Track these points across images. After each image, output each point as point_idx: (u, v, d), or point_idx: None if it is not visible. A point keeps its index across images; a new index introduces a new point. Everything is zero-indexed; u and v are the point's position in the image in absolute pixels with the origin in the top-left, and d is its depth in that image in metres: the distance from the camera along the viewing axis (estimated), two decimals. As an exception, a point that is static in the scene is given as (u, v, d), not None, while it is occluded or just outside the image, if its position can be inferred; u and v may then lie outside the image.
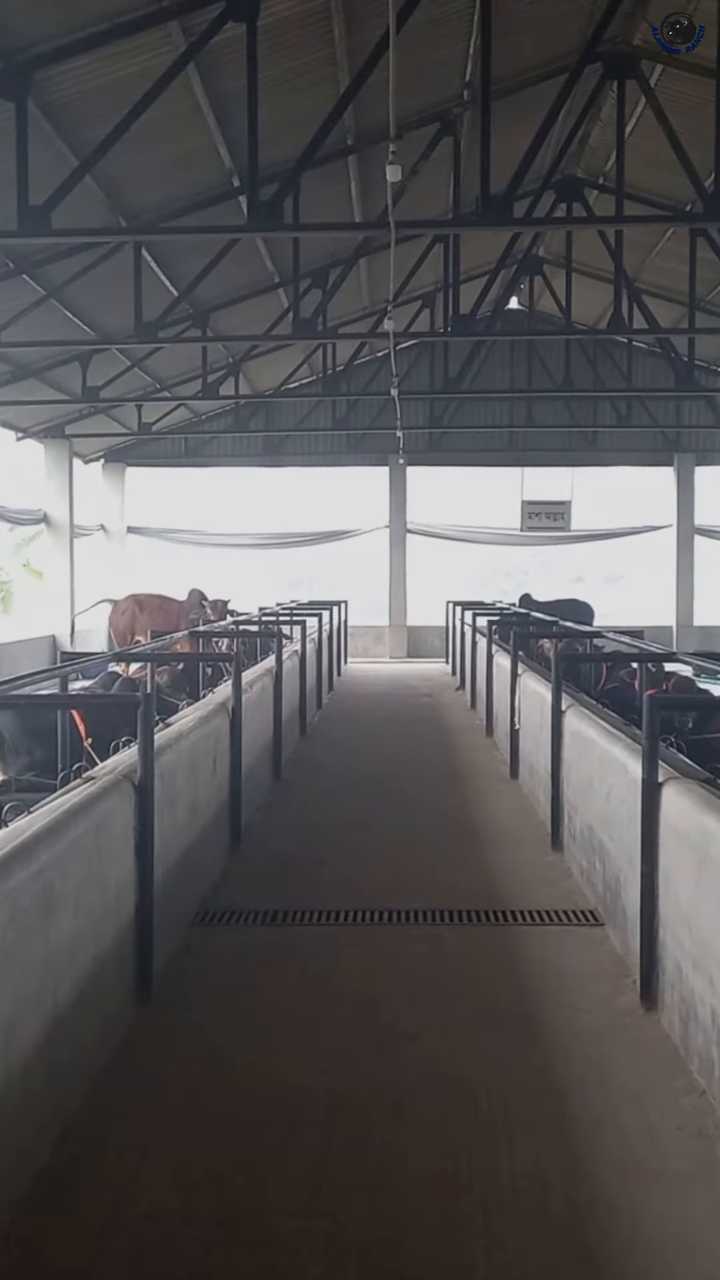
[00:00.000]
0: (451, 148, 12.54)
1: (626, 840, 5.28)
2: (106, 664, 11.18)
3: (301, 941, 5.66)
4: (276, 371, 21.02)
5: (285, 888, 6.59)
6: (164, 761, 5.41)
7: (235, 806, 7.37)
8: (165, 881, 5.25)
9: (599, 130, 14.65)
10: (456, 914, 6.03)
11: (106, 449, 24.37)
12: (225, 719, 7.29)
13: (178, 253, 14.06)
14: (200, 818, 6.28)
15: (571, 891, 6.47)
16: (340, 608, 20.28)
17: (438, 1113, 3.89)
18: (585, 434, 24.08)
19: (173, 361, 19.20)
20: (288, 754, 10.86)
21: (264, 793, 9.18)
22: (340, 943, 5.62)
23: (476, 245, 16.50)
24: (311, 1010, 4.76)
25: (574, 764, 6.91)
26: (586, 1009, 4.75)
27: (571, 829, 6.93)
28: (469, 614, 16.56)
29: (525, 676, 9.68)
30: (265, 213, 8.78)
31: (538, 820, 8.24)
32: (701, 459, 24.43)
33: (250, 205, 8.80)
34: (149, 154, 11.31)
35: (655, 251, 17.62)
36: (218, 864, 6.83)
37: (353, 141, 12.56)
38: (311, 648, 14.20)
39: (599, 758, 6.08)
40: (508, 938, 5.70)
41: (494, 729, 12.22)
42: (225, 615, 16.42)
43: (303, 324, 13.38)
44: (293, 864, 7.13)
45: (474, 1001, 4.85)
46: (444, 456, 24.62)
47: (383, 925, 5.90)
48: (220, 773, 7.02)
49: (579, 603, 19.52)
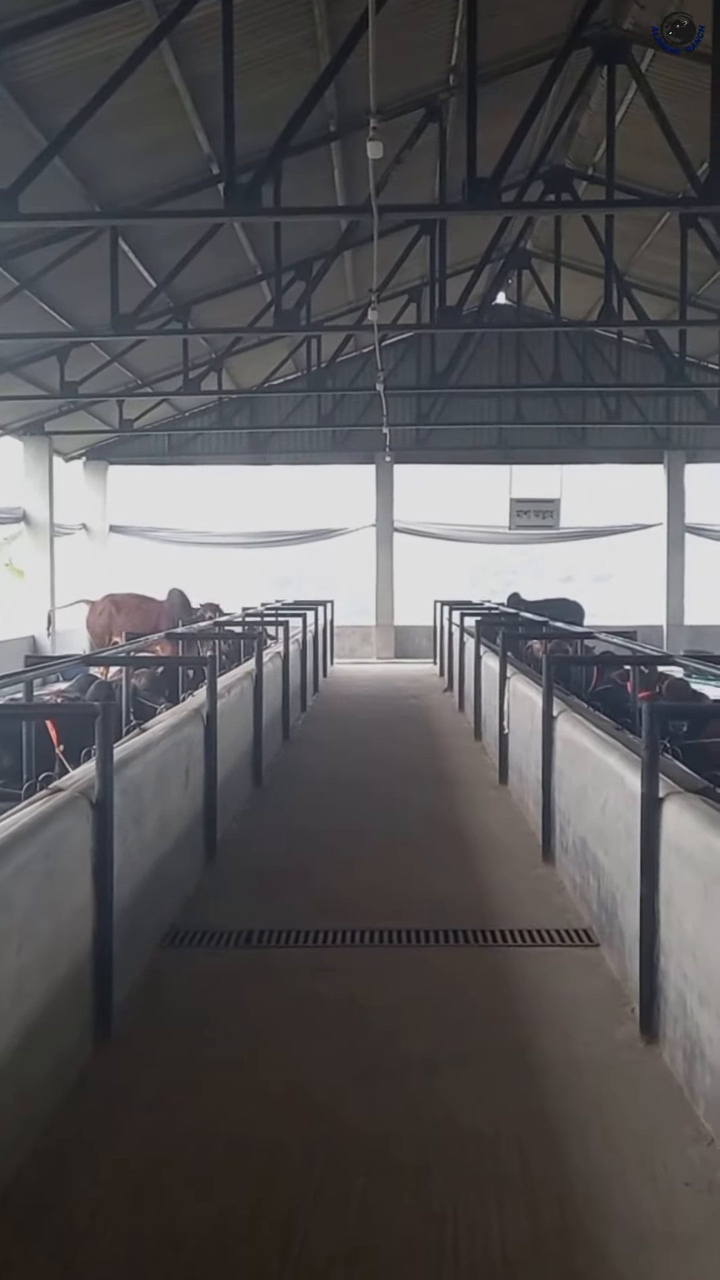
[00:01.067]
0: (437, 135, 12.18)
1: (623, 857, 4.93)
2: (85, 666, 10.80)
3: (279, 965, 5.29)
4: (260, 368, 20.65)
5: (263, 904, 6.23)
6: (129, 775, 5.05)
7: (210, 817, 7.01)
8: (129, 903, 4.89)
9: (588, 119, 14.34)
10: (445, 934, 5.67)
11: (88, 447, 23.96)
12: (199, 726, 6.92)
13: (156, 243, 13.67)
14: (171, 832, 5.92)
15: (564, 908, 6.12)
16: (326, 607, 19.92)
17: (423, 1163, 3.54)
18: (574, 431, 23.75)
19: (154, 357, 18.81)
20: (269, 759, 10.51)
21: (243, 800, 8.82)
22: (319, 967, 5.25)
23: (463, 237, 16.17)
24: (287, 1045, 4.41)
25: (566, 773, 6.56)
26: (584, 1041, 4.40)
27: (564, 841, 6.58)
28: (457, 614, 16.23)
29: (514, 679, 9.34)
30: (243, 197, 8.40)
31: (528, 829, 7.90)
32: (692, 456, 24.12)
33: (228, 189, 8.42)
34: (124, 139, 10.94)
35: (645, 244, 17.31)
36: (190, 879, 6.46)
37: (335, 128, 12.21)
38: (295, 649, 13.84)
39: (593, 767, 5.74)
40: (499, 960, 5.35)
41: (483, 732, 11.87)
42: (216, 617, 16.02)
43: (286, 316, 13.00)
44: (271, 877, 6.77)
45: (464, 1033, 4.49)
46: (431, 454, 24.28)
47: (367, 947, 5.54)
48: (194, 782, 6.66)
49: (568, 602, 19.19)
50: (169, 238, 13.39)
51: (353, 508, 24.79)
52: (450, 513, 25.13)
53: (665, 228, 16.48)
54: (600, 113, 13.72)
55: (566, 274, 16.65)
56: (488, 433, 24.01)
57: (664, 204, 11.75)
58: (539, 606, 17.54)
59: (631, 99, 12.55)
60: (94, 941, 4.36)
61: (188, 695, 9.87)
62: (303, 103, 8.39)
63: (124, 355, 17.41)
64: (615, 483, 24.98)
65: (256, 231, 14.52)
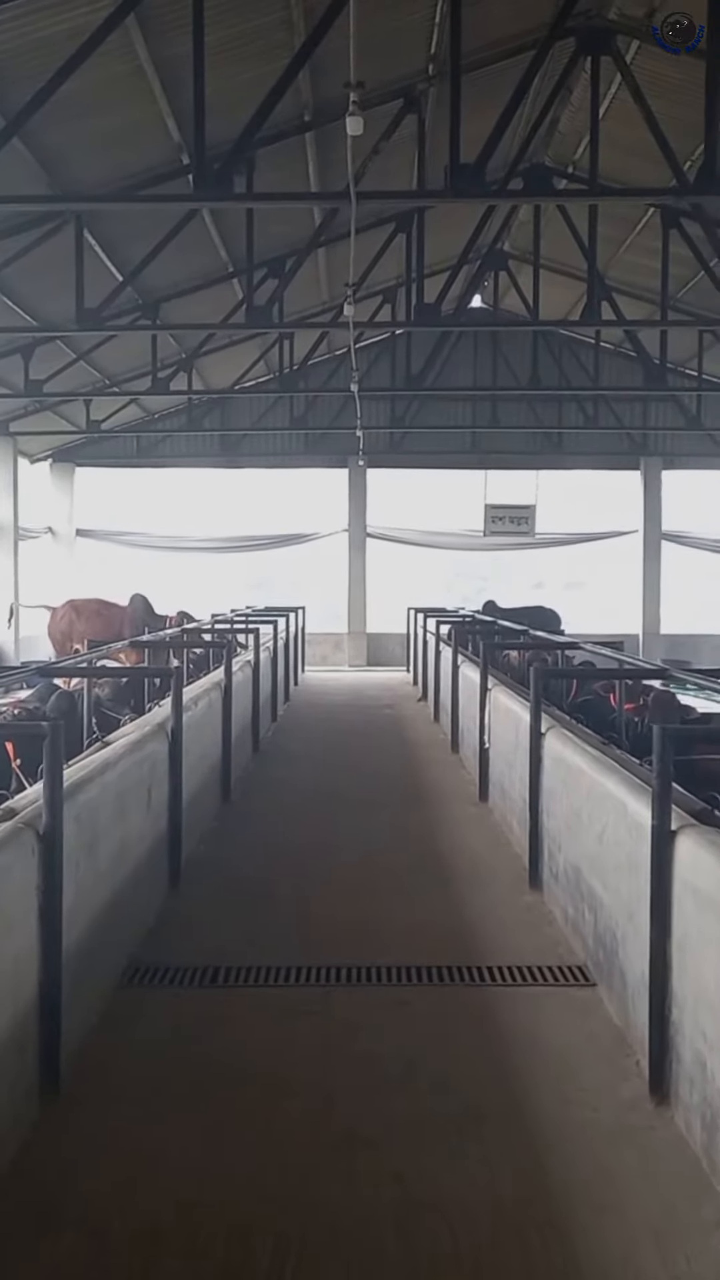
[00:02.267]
0: (415, 126, 11.76)
1: (625, 892, 4.51)
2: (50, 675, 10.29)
3: (245, 1009, 4.83)
4: (231, 369, 20.18)
5: (229, 936, 5.76)
6: (83, 800, 4.58)
7: (175, 839, 6.54)
8: (82, 943, 4.42)
9: (570, 115, 13.99)
10: (426, 971, 5.22)
11: (54, 448, 23.39)
12: (163, 741, 6.45)
13: (124, 236, 13.18)
14: (130, 859, 5.44)
15: (555, 941, 5.69)
16: (298, 614, 19.48)
17: (405, 1254, 3.10)
18: (550, 436, 23.44)
19: (122, 356, 18.30)
20: (238, 773, 10.04)
21: (210, 818, 8.35)
22: (290, 1011, 4.80)
23: (440, 238, 15.74)
24: (253, 1108, 3.94)
25: (556, 794, 6.14)
26: (585, 1102, 3.97)
27: (553, 866, 6.16)
28: (432, 621, 15.82)
29: (496, 691, 8.92)
30: (214, 182, 7.96)
31: (512, 852, 7.48)
32: (669, 462, 23.84)
33: (198, 173, 7.97)
34: (89, 124, 10.47)
35: (625, 246, 16.98)
36: (152, 908, 5.99)
37: (310, 117, 11.77)
38: (266, 657, 13.38)
39: (588, 790, 5.31)
40: (487, 1002, 4.91)
41: (460, 745, 11.46)
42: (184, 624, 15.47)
43: (257, 313, 12.53)
44: (239, 905, 6.31)
45: (449, 1094, 4.04)
46: (405, 459, 23.88)
47: (341, 986, 5.09)
48: (157, 803, 6.19)
49: (545, 610, 18.82)
50: (137, 231, 12.89)
51: (325, 512, 24.35)
52: (424, 518, 24.74)
53: (645, 229, 16.17)
54: (582, 109, 13.39)
55: (545, 277, 16.30)
56: (463, 437, 23.64)
57: (653, 194, 11.34)
58: (515, 615, 17.18)
59: (615, 93, 12.21)
60: (40, 990, 3.88)
61: (153, 705, 9.41)
62: (277, 81, 7.97)
63: (90, 354, 16.90)
64: (591, 489, 24.67)
65: (228, 227, 14.04)
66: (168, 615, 15.67)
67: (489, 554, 26.02)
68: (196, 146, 8.07)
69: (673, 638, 23.20)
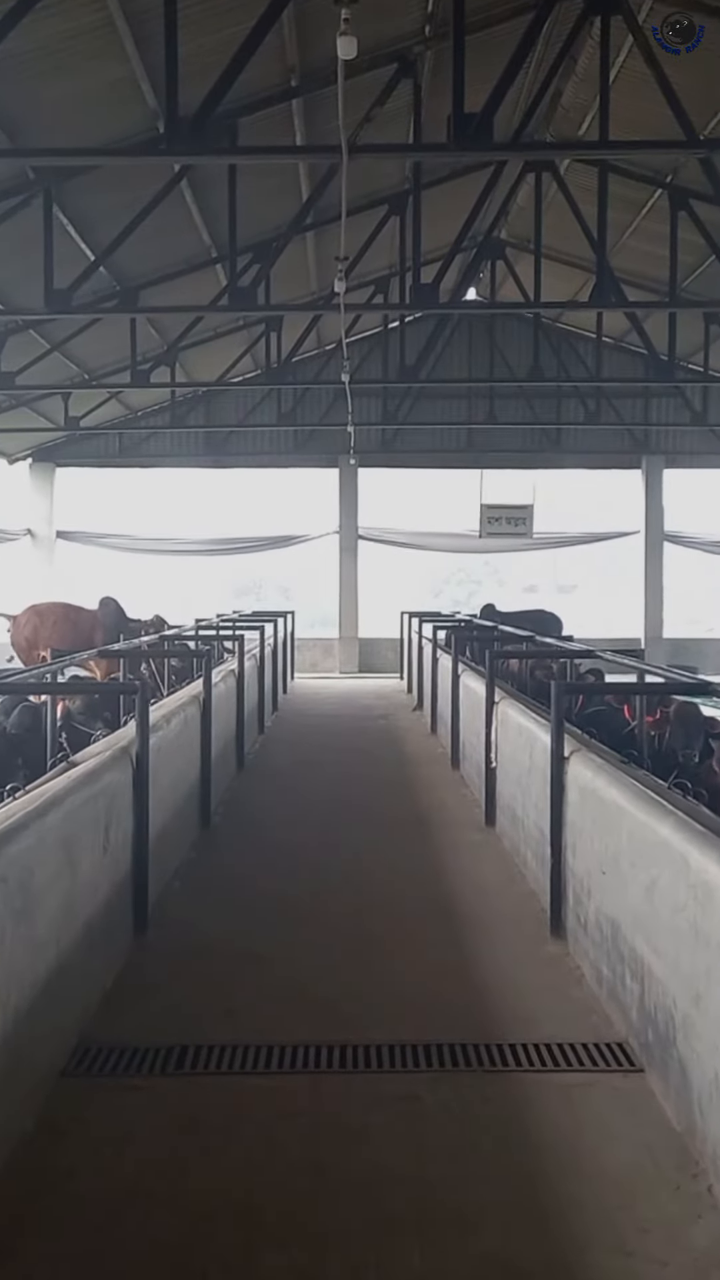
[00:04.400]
0: (411, 92, 10.90)
1: (688, 967, 3.62)
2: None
3: (214, 1109, 3.92)
4: (216, 363, 19.29)
5: (200, 1003, 4.86)
6: (13, 854, 3.69)
7: (140, 881, 5.63)
8: (9, 1033, 3.52)
9: (574, 87, 13.12)
10: (437, 1051, 4.33)
11: (33, 447, 22.47)
12: (126, 769, 5.55)
13: (99, 215, 12.27)
14: (80, 916, 4.54)
15: (588, 1008, 4.79)
16: (286, 619, 18.60)
17: None
18: (549, 433, 22.60)
19: (101, 349, 17.38)
20: (220, 793, 9.15)
21: (186, 848, 7.46)
22: (270, 1111, 3.90)
23: (434, 226, 14.75)
24: (224, 1268, 3.04)
25: (585, 831, 5.25)
26: (650, 1253, 3.08)
27: (581, 915, 5.27)
28: (428, 627, 14.93)
29: (505, 705, 8.03)
30: (188, 133, 7.08)
31: (527, 889, 6.59)
32: (671, 461, 22.99)
33: (169, 123, 7.11)
34: (56, 86, 9.60)
35: (630, 231, 16.13)
36: (109, 968, 5.08)
37: (297, 82, 10.89)
38: (252, 665, 12.48)
39: (631, 833, 4.43)
40: (512, 1094, 4.02)
41: (461, 761, 10.57)
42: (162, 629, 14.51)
43: (241, 294, 11.61)
44: (214, 960, 5.41)
45: (473, 1236, 3.15)
46: (398, 458, 23.02)
47: (335, 1073, 4.19)
48: (117, 842, 5.29)
49: (546, 614, 17.92)
50: (112, 209, 11.97)
51: (315, 514, 23.47)
52: (418, 520, 23.87)
53: (652, 212, 15.36)
54: (587, 79, 12.55)
55: (545, 266, 15.42)
56: (458, 435, 22.82)
57: (664, 146, 10.36)
58: (515, 619, 16.30)
59: (624, 61, 11.34)
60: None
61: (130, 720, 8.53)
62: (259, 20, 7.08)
63: (67, 344, 15.99)
64: (591, 488, 23.85)
65: (211, 208, 13.16)
66: (142, 620, 14.70)
67: (481, 557, 25.24)
68: (168, 97, 7.22)
69: (676, 642, 22.36)
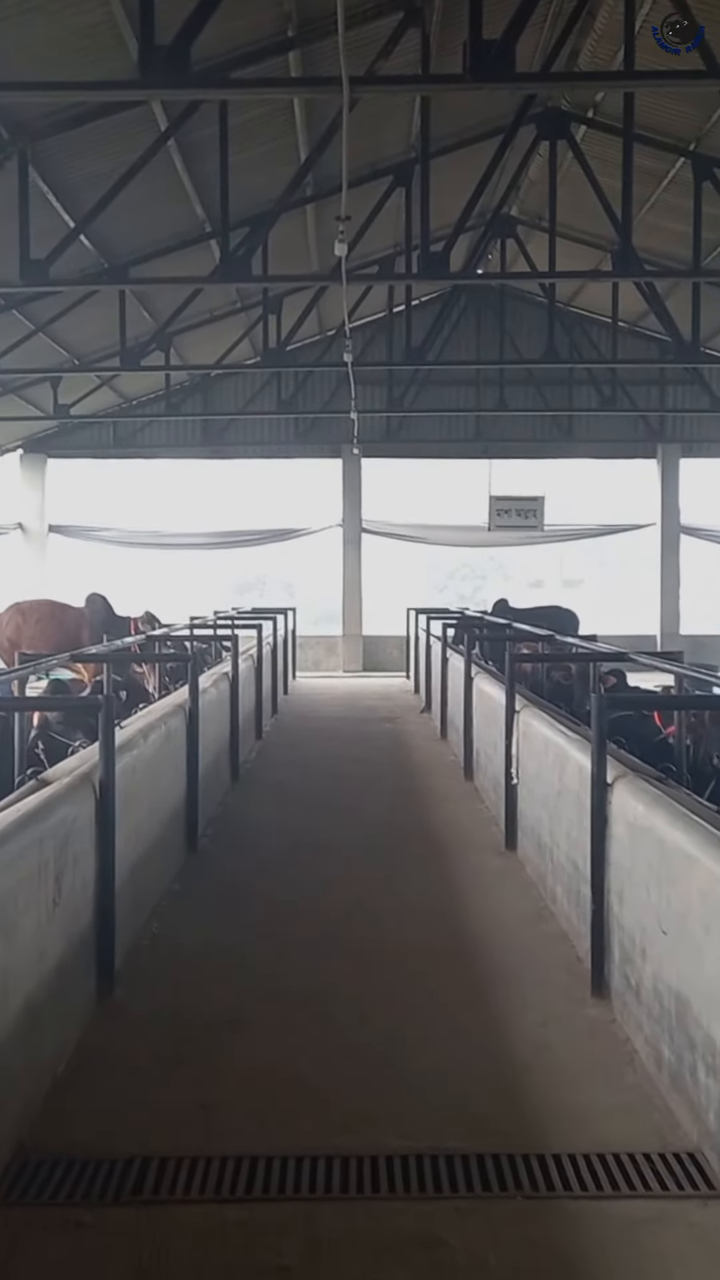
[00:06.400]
0: (419, 43, 9.97)
1: None
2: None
3: (174, 1261, 3.04)
4: (213, 348, 18.39)
5: (170, 1094, 3.98)
6: None
7: (104, 939, 4.74)
8: None
9: (591, 45, 12.19)
10: (461, 1164, 3.44)
11: (24, 438, 21.60)
12: (87, 801, 4.66)
13: (79, 183, 11.37)
14: (17, 994, 3.66)
15: (646, 1099, 3.90)
16: (287, 616, 17.73)
17: None
18: (560, 422, 21.70)
19: (91, 332, 16.49)
20: (211, 809, 8.30)
21: (169, 879, 6.60)
22: (249, 1267, 3.02)
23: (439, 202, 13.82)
24: None
25: (637, 876, 4.35)
26: None
27: (631, 977, 4.38)
28: (437, 624, 14.05)
29: (527, 715, 7.14)
30: (168, 62, 6.19)
31: (556, 929, 5.72)
32: (688, 449, 22.07)
33: (144, 52, 6.23)
34: (29, 28, 8.67)
35: (649, 206, 15.19)
36: (63, 1048, 4.20)
37: (294, 32, 9.97)
38: (248, 667, 11.60)
39: (704, 891, 3.53)
40: (563, 1235, 3.13)
41: (475, 771, 9.70)
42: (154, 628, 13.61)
43: (235, 264, 10.69)
44: (190, 1032, 4.51)
45: None
46: (403, 448, 22.12)
47: (333, 1200, 3.30)
48: (74, 889, 4.40)
49: (562, 610, 16.96)
50: (95, 178, 11.06)
51: (317, 506, 22.56)
52: (423, 512, 22.95)
53: (672, 184, 14.46)
54: (606, 36, 11.67)
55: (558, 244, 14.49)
56: (465, 423, 21.91)
57: (689, 77, 9.27)
58: (529, 615, 15.38)
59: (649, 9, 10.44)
60: None
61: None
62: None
63: (53, 327, 15.11)
64: (604, 479, 22.91)
65: (202, 178, 12.27)
66: (131, 617, 13.82)
67: (486, 551, 24.36)
68: (143, 24, 6.34)
69: (694, 639, 21.37)
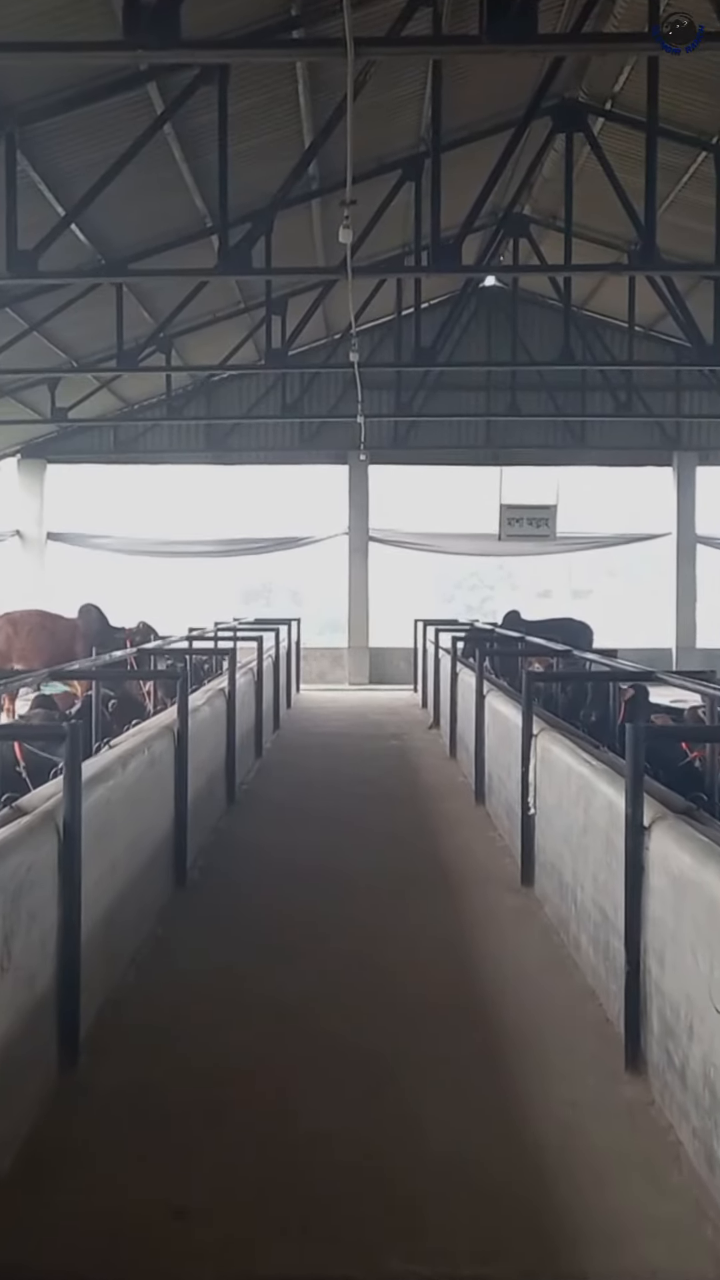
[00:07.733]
0: (430, 21, 9.41)
1: None
2: None
3: None
4: (215, 350, 17.86)
5: (141, 1194, 3.38)
6: None
7: (67, 1006, 4.14)
8: None
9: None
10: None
11: (22, 443, 21.09)
12: (49, 843, 4.07)
13: (72, 173, 10.83)
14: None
15: (698, 1208, 3.27)
16: (291, 626, 17.15)
17: None
18: (573, 428, 21.12)
19: (89, 333, 15.94)
20: (204, 836, 7.72)
21: (153, 918, 6.01)
22: None
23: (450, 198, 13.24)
24: None
25: (683, 938, 3.74)
26: None
27: (675, 1054, 3.77)
28: (446, 637, 13.47)
29: (545, 739, 6.55)
30: (154, 22, 5.63)
31: (583, 984, 5.12)
32: (705, 457, 21.47)
33: (127, 10, 5.66)
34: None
35: (668, 204, 14.61)
36: (17, 1134, 3.61)
37: (298, 11, 9.43)
38: (246, 682, 11.02)
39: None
40: None
41: (487, 795, 9.11)
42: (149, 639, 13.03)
43: (234, 256, 10.14)
44: (166, 1115, 3.91)
45: None
46: (411, 454, 21.55)
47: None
48: (28, 949, 3.81)
49: (575, 623, 16.37)
50: (89, 168, 10.50)
51: (323, 513, 21.99)
52: (432, 520, 22.35)
53: (693, 181, 13.92)
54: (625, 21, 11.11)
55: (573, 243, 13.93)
56: (476, 430, 21.35)
57: None
58: (541, 628, 14.79)
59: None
60: None
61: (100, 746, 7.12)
62: None
63: (49, 326, 14.58)
64: (618, 487, 22.30)
65: (202, 169, 11.73)
66: (126, 628, 13.26)
67: (494, 560, 23.82)
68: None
69: (710, 653, 20.78)
